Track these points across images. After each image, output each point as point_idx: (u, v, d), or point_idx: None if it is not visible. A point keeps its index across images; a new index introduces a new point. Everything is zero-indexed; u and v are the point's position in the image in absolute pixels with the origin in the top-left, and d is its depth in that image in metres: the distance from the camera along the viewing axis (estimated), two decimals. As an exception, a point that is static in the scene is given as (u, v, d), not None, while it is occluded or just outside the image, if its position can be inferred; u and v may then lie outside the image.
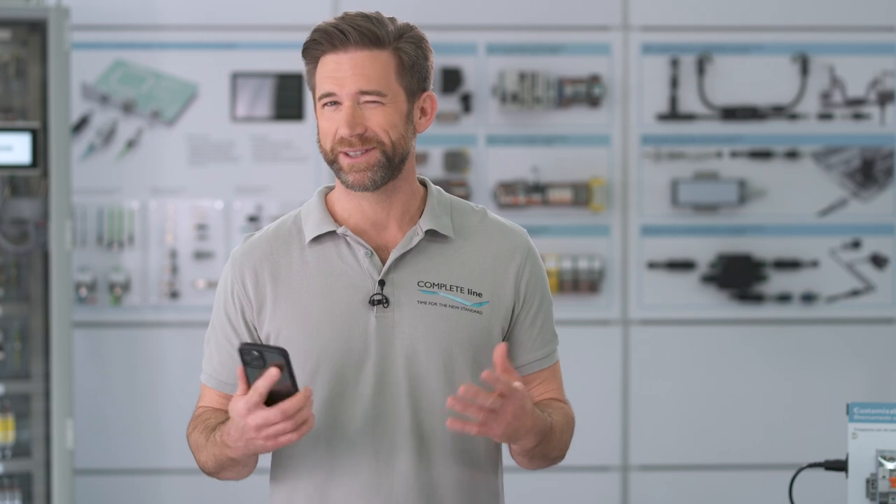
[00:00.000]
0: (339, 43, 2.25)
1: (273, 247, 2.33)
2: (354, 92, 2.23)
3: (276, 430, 2.10)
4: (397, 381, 2.26)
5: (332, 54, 2.25)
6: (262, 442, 2.13)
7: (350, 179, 2.25)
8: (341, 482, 2.26)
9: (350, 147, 2.23)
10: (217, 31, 5.11)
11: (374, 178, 2.25)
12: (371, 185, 2.25)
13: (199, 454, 2.30)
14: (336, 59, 2.25)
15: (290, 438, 2.11)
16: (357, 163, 2.24)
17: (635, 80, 5.15)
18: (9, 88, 4.76)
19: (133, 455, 5.09)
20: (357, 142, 2.23)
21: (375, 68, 2.24)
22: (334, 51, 2.25)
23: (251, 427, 2.11)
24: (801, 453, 4.59)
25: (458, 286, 2.29)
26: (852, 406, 2.46)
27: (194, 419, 2.35)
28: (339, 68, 2.24)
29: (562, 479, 5.08)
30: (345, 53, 2.24)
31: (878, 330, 5.20)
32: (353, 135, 2.23)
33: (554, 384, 2.39)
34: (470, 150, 5.13)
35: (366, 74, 2.24)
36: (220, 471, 2.30)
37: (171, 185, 5.12)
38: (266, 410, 2.09)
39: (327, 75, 2.25)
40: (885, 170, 5.18)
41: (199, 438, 2.30)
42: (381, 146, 2.24)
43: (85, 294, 5.03)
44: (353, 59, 2.24)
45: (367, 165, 2.24)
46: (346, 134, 2.23)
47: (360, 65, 2.24)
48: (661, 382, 5.16)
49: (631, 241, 5.16)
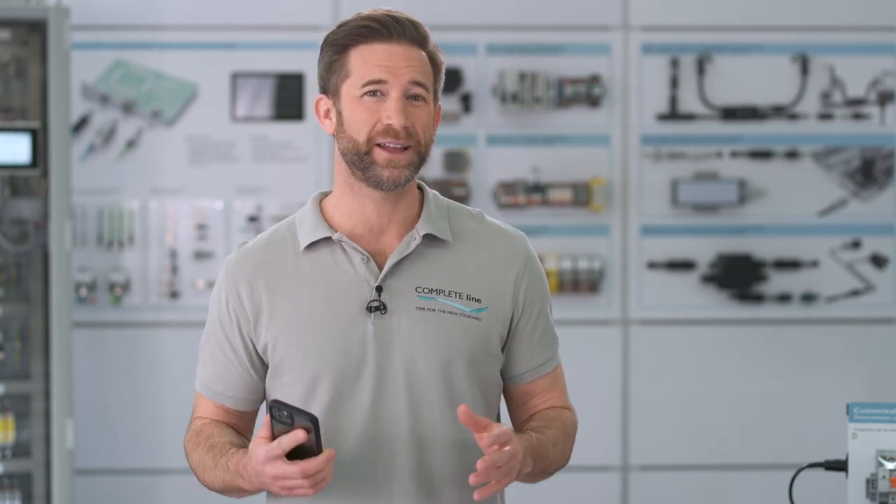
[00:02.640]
0: (395, 33, 2.21)
1: (267, 255, 2.29)
2: (407, 81, 2.20)
3: (293, 484, 2.09)
4: (396, 388, 2.23)
5: (383, 43, 2.21)
6: (277, 489, 2.13)
7: (385, 175, 2.20)
8: (340, 489, 2.24)
9: (395, 139, 2.19)
10: (217, 31, 5.11)
11: (408, 177, 2.22)
12: (404, 182, 2.22)
13: (205, 474, 2.28)
14: (389, 49, 2.21)
15: (306, 493, 2.10)
16: (397, 158, 2.20)
17: (635, 80, 5.15)
18: (9, 88, 4.76)
19: (133, 455, 5.09)
20: (404, 135, 2.20)
21: (424, 67, 2.24)
22: (388, 40, 2.21)
23: (268, 475, 2.10)
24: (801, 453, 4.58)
25: (457, 292, 2.26)
26: (852, 406, 2.46)
27: (195, 434, 2.32)
28: (393, 58, 2.21)
29: (562, 479, 5.06)
30: (398, 45, 2.21)
31: (878, 330, 5.20)
32: (404, 126, 2.20)
33: (556, 391, 2.37)
34: (470, 150, 5.13)
35: (419, 68, 2.22)
36: (226, 493, 2.28)
37: (171, 185, 5.12)
38: (286, 465, 2.07)
39: (377, 63, 2.20)
40: (885, 170, 5.18)
41: (205, 459, 2.27)
42: (418, 146, 2.22)
43: (85, 294, 5.03)
44: (407, 52, 2.22)
45: (407, 163, 2.21)
46: (397, 124, 2.19)
47: (413, 58, 2.22)
48: (661, 382, 5.16)
49: (631, 241, 5.16)
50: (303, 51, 5.04)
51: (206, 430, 2.31)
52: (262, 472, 2.10)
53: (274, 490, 2.13)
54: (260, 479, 2.13)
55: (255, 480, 2.15)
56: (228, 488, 2.25)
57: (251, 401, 2.34)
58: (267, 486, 2.14)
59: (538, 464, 2.24)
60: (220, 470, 2.24)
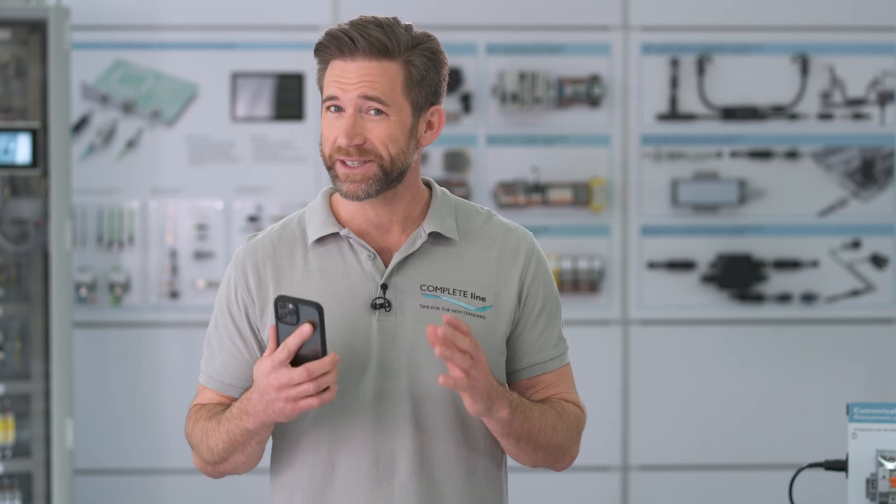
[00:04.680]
0: (347, 50, 2.21)
1: (276, 247, 2.31)
2: (356, 97, 2.20)
3: (299, 391, 2.08)
4: (399, 385, 2.24)
5: (340, 60, 2.22)
6: (282, 404, 2.10)
7: (344, 188, 2.22)
8: (342, 486, 2.25)
9: (347, 157, 2.21)
10: (217, 31, 5.11)
11: (367, 191, 2.22)
12: (364, 196, 2.22)
13: (208, 440, 2.26)
14: (343, 66, 2.21)
15: (311, 403, 2.09)
16: (353, 173, 2.21)
17: (635, 80, 5.15)
18: (9, 88, 4.76)
19: (133, 455, 5.09)
20: (354, 152, 2.21)
21: (382, 79, 2.21)
22: (342, 57, 2.21)
23: (273, 386, 2.09)
24: (801, 453, 4.59)
25: (462, 290, 2.27)
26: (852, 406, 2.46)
27: (194, 413, 2.32)
28: (345, 75, 2.21)
29: (562, 479, 5.08)
30: (352, 62, 2.21)
31: (877, 330, 5.20)
32: (351, 145, 2.20)
33: (561, 387, 2.36)
34: (470, 150, 5.13)
35: (371, 83, 2.20)
36: (230, 454, 2.25)
37: (171, 185, 5.12)
38: (290, 370, 2.07)
39: (333, 79, 2.22)
40: (885, 170, 5.18)
41: (207, 425, 2.26)
42: (380, 160, 2.21)
43: (85, 294, 5.03)
44: (360, 67, 2.20)
45: (362, 177, 2.21)
46: (343, 143, 2.20)
47: (366, 74, 2.20)
48: (661, 382, 5.16)
49: (631, 241, 5.16)
50: (303, 51, 5.04)
51: (207, 406, 2.31)
52: (268, 387, 2.09)
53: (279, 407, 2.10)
54: (266, 399, 2.11)
55: (261, 406, 2.13)
56: (233, 441, 2.23)
57: None
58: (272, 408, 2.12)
59: (517, 415, 2.20)
60: (223, 423, 2.23)
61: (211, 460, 2.29)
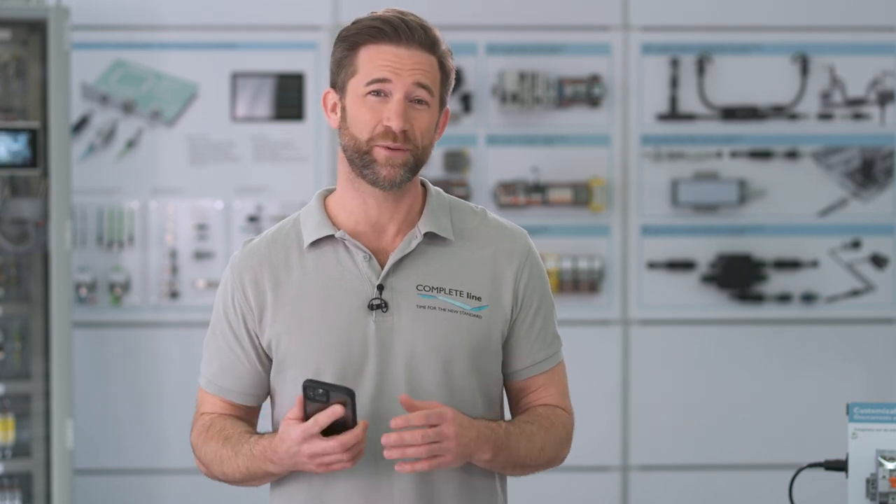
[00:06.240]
0: (404, 36, 2.22)
1: (272, 252, 2.31)
2: (410, 83, 2.21)
3: (332, 459, 2.13)
4: (396, 386, 2.24)
5: (391, 45, 2.22)
6: (314, 467, 2.16)
7: (383, 173, 2.22)
8: (341, 486, 2.25)
9: (392, 142, 2.21)
10: (217, 31, 5.11)
11: (403, 177, 2.23)
12: (399, 182, 2.23)
13: (223, 466, 2.28)
14: (396, 52, 2.22)
15: (344, 466, 2.14)
16: (395, 157, 2.21)
17: (635, 80, 5.15)
18: (9, 88, 4.76)
19: (133, 455, 5.09)
20: (401, 138, 2.21)
21: (431, 70, 2.24)
22: (396, 43, 2.22)
23: (305, 454, 2.14)
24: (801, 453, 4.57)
25: (458, 290, 2.28)
26: (852, 406, 2.46)
27: (204, 429, 2.32)
28: (400, 60, 2.22)
29: (562, 479, 5.08)
30: (406, 49, 2.22)
31: (877, 330, 5.20)
32: (402, 129, 2.21)
33: (552, 389, 2.36)
34: (470, 150, 5.13)
35: (424, 72, 2.22)
36: (249, 480, 2.29)
37: (171, 185, 5.12)
38: (324, 441, 2.11)
39: (383, 63, 2.22)
40: (885, 170, 5.18)
41: (222, 451, 2.28)
42: (415, 150, 2.23)
43: (85, 294, 5.03)
44: (414, 56, 2.22)
45: (402, 163, 2.22)
46: (396, 127, 2.21)
47: (419, 63, 2.23)
48: (661, 382, 5.16)
49: (631, 241, 5.16)
50: (303, 51, 5.04)
51: (217, 423, 2.32)
52: (299, 453, 2.14)
53: (310, 468, 2.16)
54: (294, 459, 2.16)
55: (288, 462, 2.18)
56: (252, 475, 2.26)
57: (257, 395, 2.35)
58: (301, 465, 2.17)
59: (501, 453, 2.23)
60: (242, 458, 2.25)
61: (223, 480, 2.33)
